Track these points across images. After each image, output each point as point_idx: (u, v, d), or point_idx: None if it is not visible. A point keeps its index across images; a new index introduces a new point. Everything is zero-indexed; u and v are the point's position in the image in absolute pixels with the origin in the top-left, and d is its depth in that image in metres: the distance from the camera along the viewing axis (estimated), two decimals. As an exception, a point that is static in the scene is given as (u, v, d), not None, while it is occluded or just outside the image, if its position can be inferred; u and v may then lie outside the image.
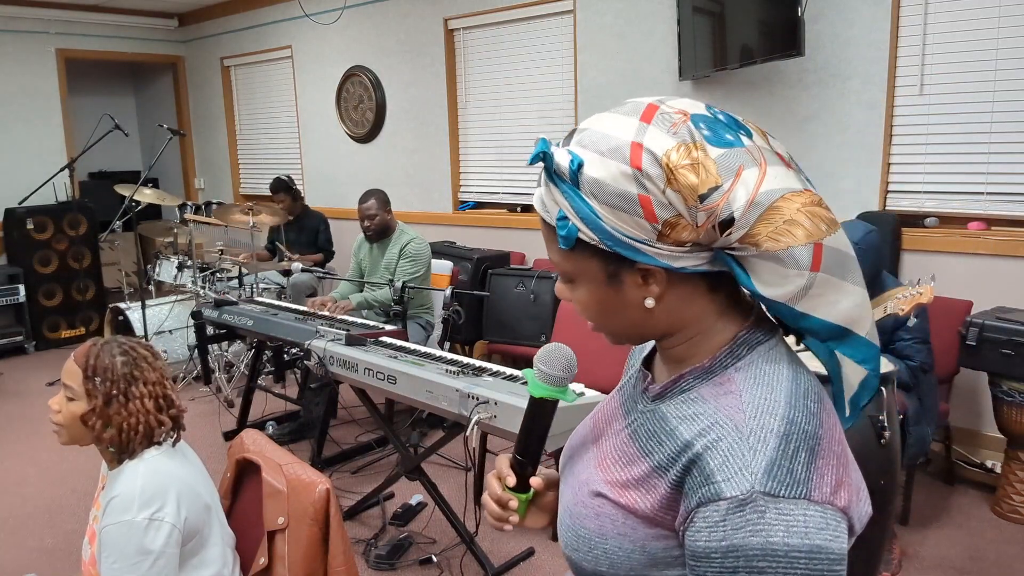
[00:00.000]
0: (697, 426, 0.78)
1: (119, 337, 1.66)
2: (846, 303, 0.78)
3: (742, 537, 0.70)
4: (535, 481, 0.98)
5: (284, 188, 5.51)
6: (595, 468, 0.89)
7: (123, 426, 1.54)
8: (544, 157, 0.78)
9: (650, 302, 0.80)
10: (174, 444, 1.63)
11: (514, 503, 0.99)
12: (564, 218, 0.78)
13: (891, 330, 2.80)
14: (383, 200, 4.15)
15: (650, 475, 0.80)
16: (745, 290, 0.79)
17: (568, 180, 0.78)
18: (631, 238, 0.76)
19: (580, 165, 0.76)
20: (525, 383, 2.47)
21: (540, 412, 0.98)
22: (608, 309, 0.83)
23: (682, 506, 0.76)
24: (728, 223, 0.74)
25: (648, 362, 0.94)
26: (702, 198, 0.73)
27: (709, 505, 0.73)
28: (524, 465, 0.99)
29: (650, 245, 0.76)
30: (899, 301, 2.47)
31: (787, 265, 0.75)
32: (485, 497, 1.02)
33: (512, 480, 0.98)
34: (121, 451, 1.57)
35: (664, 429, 0.82)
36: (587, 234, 0.77)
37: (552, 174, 0.79)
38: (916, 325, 2.72)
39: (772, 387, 0.77)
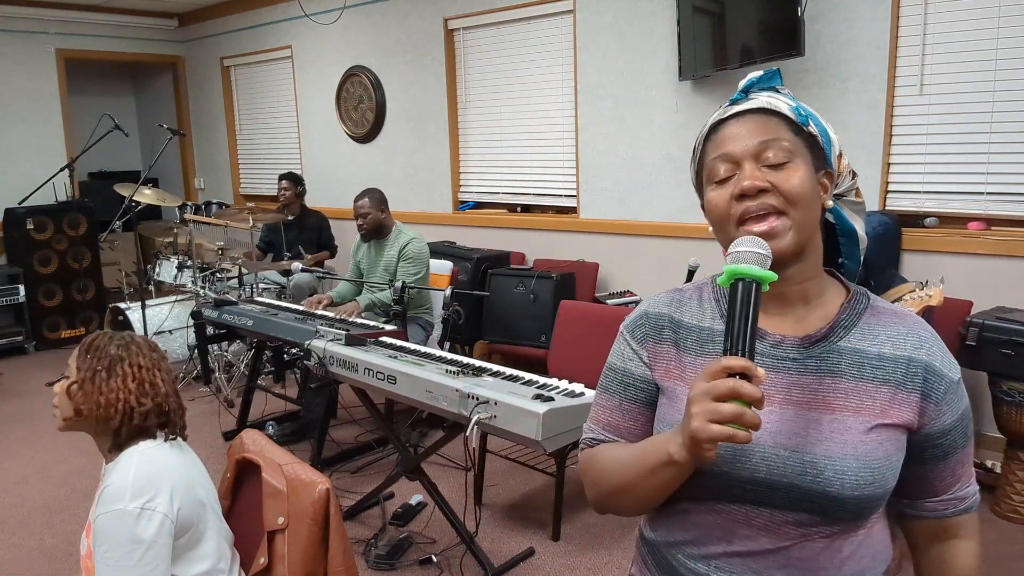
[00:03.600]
0: (907, 343, 1.00)
1: (127, 332, 1.69)
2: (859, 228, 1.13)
3: (964, 402, 1.02)
4: (761, 371, 0.86)
5: (291, 177, 5.60)
6: (839, 415, 0.97)
7: (100, 402, 1.56)
8: (775, 77, 1.07)
9: (829, 203, 1.02)
10: (166, 439, 1.62)
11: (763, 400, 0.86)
12: (799, 112, 1.02)
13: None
14: (377, 199, 4.15)
15: (896, 393, 0.98)
16: (840, 231, 1.09)
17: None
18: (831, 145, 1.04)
19: (794, 98, 1.05)
20: (528, 383, 2.48)
21: (756, 297, 0.90)
22: (812, 193, 0.99)
23: (929, 405, 0.98)
24: (854, 174, 1.08)
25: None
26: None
27: (948, 391, 0.99)
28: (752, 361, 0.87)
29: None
30: (907, 303, 2.47)
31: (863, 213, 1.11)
32: (727, 407, 0.84)
33: (763, 374, 0.86)
34: (103, 430, 1.58)
35: (868, 358, 0.99)
36: (813, 129, 1.01)
37: (777, 91, 1.05)
38: (921, 327, 2.71)
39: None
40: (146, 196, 5.03)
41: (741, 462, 0.96)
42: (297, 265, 4.21)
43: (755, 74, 1.06)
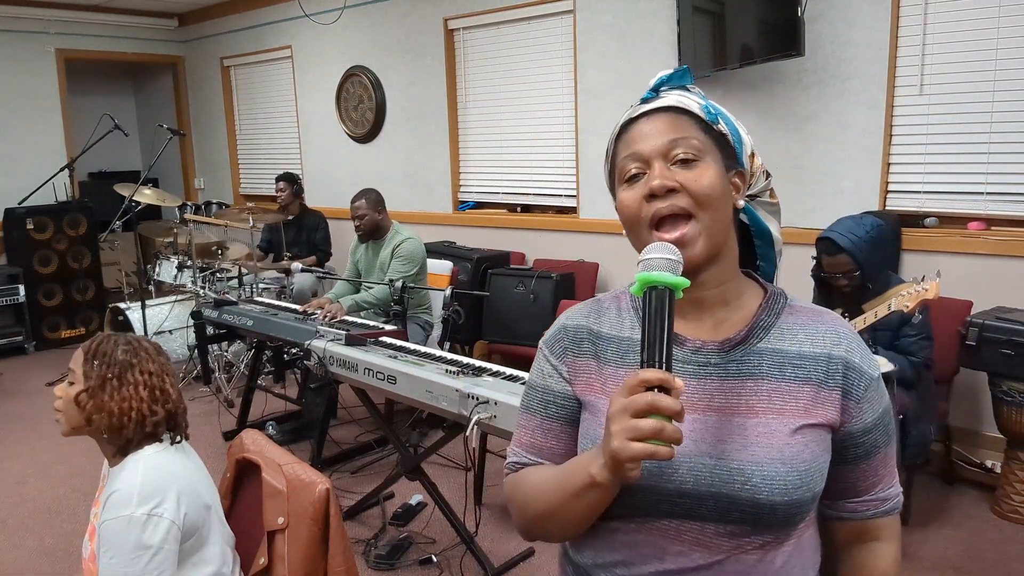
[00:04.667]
0: (826, 340, 0.98)
1: (130, 333, 1.66)
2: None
3: (885, 400, 1.01)
4: (679, 382, 0.83)
5: (286, 178, 5.58)
6: (764, 418, 0.95)
7: (113, 411, 1.54)
8: (686, 75, 1.03)
9: (741, 203, 1.00)
10: (172, 442, 1.62)
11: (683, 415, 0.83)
12: (709, 110, 0.99)
13: (897, 327, 2.80)
14: (374, 200, 4.15)
15: (818, 391, 0.96)
16: (755, 232, 1.06)
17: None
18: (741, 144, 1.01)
19: (704, 97, 1.02)
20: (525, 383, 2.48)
21: (670, 305, 0.86)
22: (722, 193, 0.96)
23: (850, 403, 0.97)
24: (768, 174, 1.05)
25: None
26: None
27: (869, 388, 0.98)
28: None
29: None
30: (903, 298, 2.48)
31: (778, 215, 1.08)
32: (647, 423, 0.81)
33: (681, 384, 0.83)
34: (114, 439, 1.57)
35: (789, 358, 0.97)
36: (722, 127, 0.99)
37: (687, 89, 1.02)
38: (920, 321, 2.73)
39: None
40: (146, 196, 5.03)
41: (667, 475, 0.93)
42: (297, 265, 4.21)
43: (665, 72, 1.03)
